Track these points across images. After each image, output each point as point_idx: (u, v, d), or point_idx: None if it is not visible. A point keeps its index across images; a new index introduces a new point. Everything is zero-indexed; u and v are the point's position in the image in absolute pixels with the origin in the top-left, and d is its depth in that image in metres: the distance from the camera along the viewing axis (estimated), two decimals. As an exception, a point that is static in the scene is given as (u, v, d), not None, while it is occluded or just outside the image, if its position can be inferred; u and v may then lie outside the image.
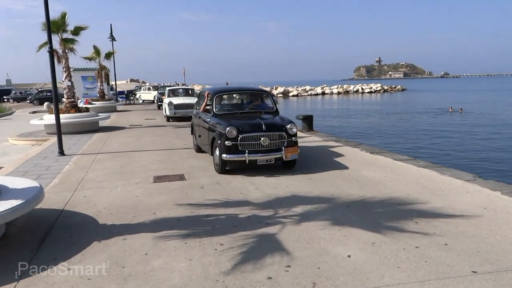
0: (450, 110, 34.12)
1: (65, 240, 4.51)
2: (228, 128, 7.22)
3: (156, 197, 6.17)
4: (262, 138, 7.26)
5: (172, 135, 13.67)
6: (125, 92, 37.90)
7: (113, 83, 36.41)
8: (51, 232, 4.76)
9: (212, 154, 7.88)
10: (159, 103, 25.92)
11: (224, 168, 7.48)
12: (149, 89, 36.21)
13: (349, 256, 3.96)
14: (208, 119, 8.30)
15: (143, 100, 35.24)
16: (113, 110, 25.87)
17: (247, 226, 4.83)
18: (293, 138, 7.54)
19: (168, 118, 18.15)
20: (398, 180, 6.88)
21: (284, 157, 7.32)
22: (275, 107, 8.78)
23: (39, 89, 43.04)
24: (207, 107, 8.67)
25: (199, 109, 9.26)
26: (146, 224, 4.99)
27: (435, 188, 6.37)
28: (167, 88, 21.93)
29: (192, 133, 10.33)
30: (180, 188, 6.68)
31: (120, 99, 35.00)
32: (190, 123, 10.86)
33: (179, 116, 17.67)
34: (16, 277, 3.66)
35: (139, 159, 9.31)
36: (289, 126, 7.54)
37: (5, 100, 44.52)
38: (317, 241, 4.34)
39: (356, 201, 5.78)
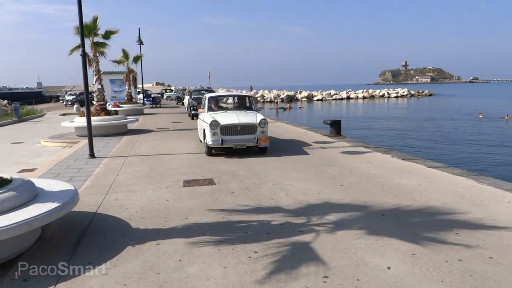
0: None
1: (99, 243, 4.53)
2: None
3: (186, 201, 6.16)
4: None
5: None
6: (152, 95, 38.41)
7: (140, 86, 36.95)
8: (85, 236, 4.79)
9: None
10: (192, 112, 20.70)
11: None
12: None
13: (388, 268, 3.83)
14: None
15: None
16: (141, 113, 26.22)
17: (280, 233, 4.75)
18: None
19: (210, 150, 10.14)
20: (433, 188, 6.67)
21: None
22: None
23: (78, 92, 44.58)
24: None
25: None
26: (178, 229, 4.97)
27: (473, 197, 6.14)
28: (207, 95, 12.02)
29: None
30: (210, 192, 6.66)
31: (147, 103, 35.46)
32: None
33: (230, 146, 10.09)
34: (54, 281, 3.68)
35: (167, 163, 9.35)
36: None
37: (61, 100, 48.31)
38: (353, 251, 4.22)
39: (391, 209, 5.62)
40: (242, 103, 12.14)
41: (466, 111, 39.79)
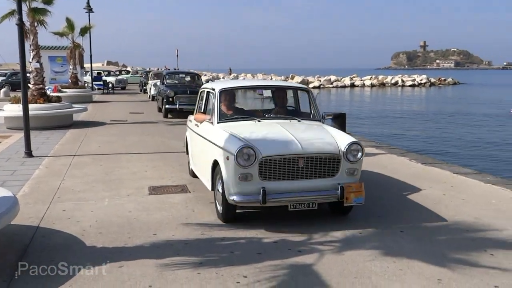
0: None
1: (45, 267, 4.50)
2: None
3: (154, 213, 6.21)
4: None
5: (167, 134, 13.73)
6: (102, 78, 38.27)
7: (88, 65, 36.67)
8: (25, 257, 4.78)
9: None
10: (167, 106, 18.09)
11: None
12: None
13: (410, 297, 3.96)
14: None
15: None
16: (89, 100, 26.06)
17: (275, 253, 4.84)
18: None
19: (232, 210, 5.88)
20: (462, 199, 6.87)
21: None
22: None
23: (9, 72, 43.65)
24: None
25: None
26: (145, 247, 5.02)
27: (511, 211, 6.35)
28: (215, 87, 7.13)
29: None
30: (184, 202, 6.73)
31: (96, 87, 35.19)
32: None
33: (284, 206, 5.75)
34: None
35: (127, 164, 9.37)
36: None
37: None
38: (367, 276, 4.34)
39: (411, 225, 5.78)
40: (283, 103, 7.56)
41: (498, 105, 40.62)
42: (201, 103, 7.84)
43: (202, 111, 7.66)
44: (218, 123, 6.60)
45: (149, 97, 28.22)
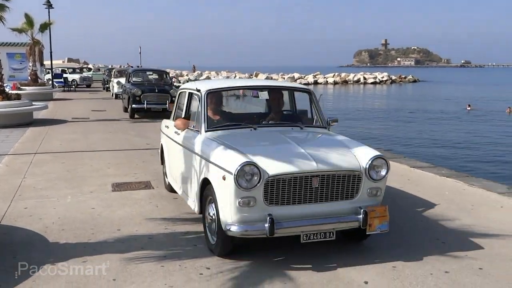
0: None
1: (8, 263, 4.50)
2: None
3: (118, 209, 6.24)
4: None
5: (130, 131, 13.67)
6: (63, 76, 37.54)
7: (48, 62, 35.89)
8: (-13, 253, 4.76)
9: None
10: (133, 106, 17.18)
11: None
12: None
13: (366, 283, 4.15)
14: None
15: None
16: (49, 98, 25.56)
17: (239, 246, 4.95)
18: None
19: (229, 242, 4.76)
20: (418, 191, 7.16)
21: None
22: None
23: None
24: None
25: None
26: (109, 242, 5.06)
27: (463, 202, 6.66)
28: (201, 87, 5.83)
29: None
30: (148, 198, 6.78)
31: (57, 84, 34.49)
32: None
33: (295, 235, 4.72)
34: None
35: (90, 162, 9.32)
36: None
37: None
38: (325, 264, 4.51)
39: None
40: (279, 106, 6.35)
41: (455, 102, 41.88)
42: (182, 106, 6.54)
43: (183, 116, 6.27)
44: (206, 131, 5.43)
45: (112, 95, 27.87)
